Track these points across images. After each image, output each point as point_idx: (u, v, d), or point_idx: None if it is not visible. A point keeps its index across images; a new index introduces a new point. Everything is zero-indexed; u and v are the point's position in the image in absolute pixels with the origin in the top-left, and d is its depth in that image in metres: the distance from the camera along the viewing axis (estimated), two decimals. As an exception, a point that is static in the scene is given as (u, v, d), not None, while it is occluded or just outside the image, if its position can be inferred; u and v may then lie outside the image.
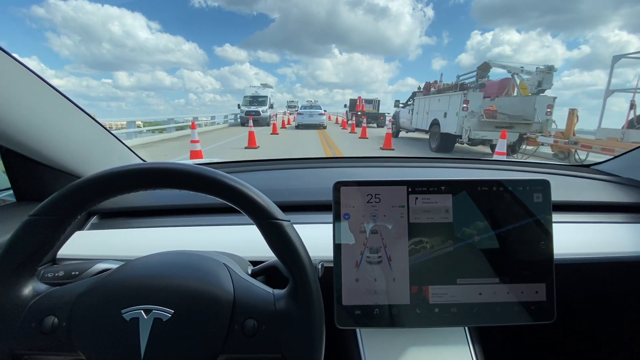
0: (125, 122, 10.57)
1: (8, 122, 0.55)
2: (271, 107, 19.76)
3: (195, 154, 5.86)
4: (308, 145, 10.21)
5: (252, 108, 17.98)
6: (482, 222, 0.50)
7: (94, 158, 0.75)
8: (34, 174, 0.68)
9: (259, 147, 8.51)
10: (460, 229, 0.50)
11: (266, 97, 19.26)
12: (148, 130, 11.49)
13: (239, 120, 18.74)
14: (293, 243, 0.39)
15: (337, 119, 27.49)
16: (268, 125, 16.42)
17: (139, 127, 10.88)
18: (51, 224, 0.37)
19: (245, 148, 8.40)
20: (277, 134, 12.66)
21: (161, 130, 11.87)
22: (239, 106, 19.68)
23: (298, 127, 16.91)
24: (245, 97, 19.20)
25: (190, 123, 10.07)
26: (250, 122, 10.02)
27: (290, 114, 25.82)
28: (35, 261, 0.39)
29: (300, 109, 19.42)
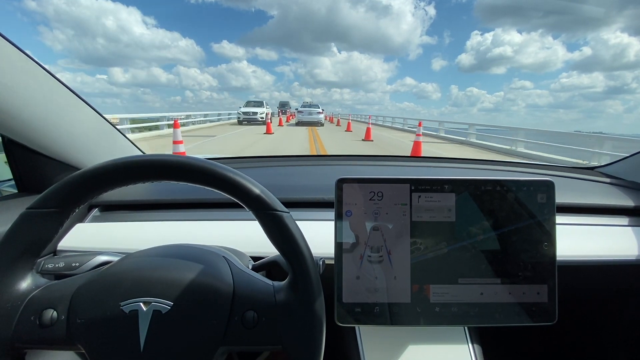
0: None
1: (11, 112, 0.55)
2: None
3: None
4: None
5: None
6: (485, 222, 0.49)
7: (96, 150, 0.75)
8: (36, 165, 0.68)
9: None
10: (462, 229, 0.49)
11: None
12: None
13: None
14: (292, 234, 0.39)
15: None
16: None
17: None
18: (49, 217, 0.37)
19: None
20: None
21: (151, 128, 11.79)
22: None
23: (298, 123, 19.24)
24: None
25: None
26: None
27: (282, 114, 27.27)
28: (34, 254, 0.38)
29: (300, 107, 21.66)
